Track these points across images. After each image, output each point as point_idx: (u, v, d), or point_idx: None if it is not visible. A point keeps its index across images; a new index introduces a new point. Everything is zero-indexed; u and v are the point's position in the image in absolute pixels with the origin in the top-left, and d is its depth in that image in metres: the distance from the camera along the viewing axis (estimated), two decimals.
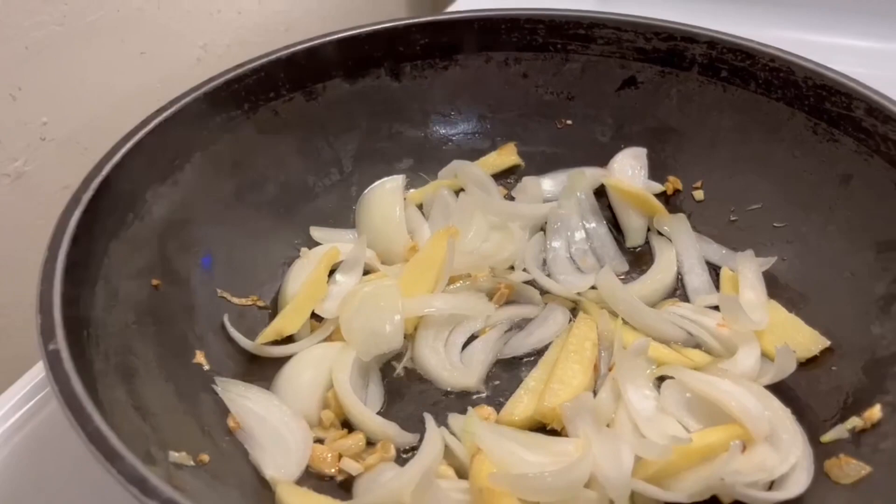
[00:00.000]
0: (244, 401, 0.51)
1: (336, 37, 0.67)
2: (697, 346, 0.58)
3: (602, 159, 0.71)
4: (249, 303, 0.60)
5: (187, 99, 0.60)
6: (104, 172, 0.52)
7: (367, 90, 0.70)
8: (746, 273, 0.60)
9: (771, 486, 0.47)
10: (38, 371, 0.59)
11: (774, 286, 0.60)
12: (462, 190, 0.69)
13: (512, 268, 0.65)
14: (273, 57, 0.65)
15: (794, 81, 0.61)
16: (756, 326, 0.55)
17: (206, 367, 0.54)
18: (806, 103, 0.61)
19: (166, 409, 0.46)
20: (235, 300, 0.59)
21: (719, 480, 0.45)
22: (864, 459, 0.45)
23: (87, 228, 0.48)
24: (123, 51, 0.75)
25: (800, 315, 0.57)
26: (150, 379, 0.48)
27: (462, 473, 0.49)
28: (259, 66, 0.64)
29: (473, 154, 0.73)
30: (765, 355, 0.55)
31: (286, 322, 0.57)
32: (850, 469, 0.45)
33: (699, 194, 0.68)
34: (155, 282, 0.54)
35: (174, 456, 0.43)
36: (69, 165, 0.72)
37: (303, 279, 0.61)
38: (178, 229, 0.58)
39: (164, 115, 0.58)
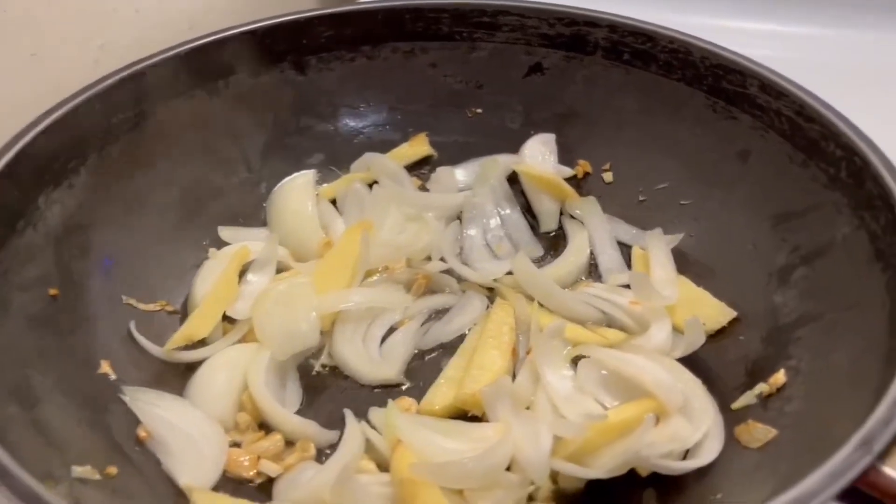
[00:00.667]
0: (154, 409, 0.50)
1: (237, 31, 0.66)
2: (611, 324, 0.59)
3: (513, 146, 0.71)
4: (157, 308, 0.58)
5: (79, 99, 0.57)
6: None
7: (272, 85, 0.68)
8: (656, 251, 0.61)
9: (685, 455, 0.48)
10: None
11: (683, 262, 0.61)
12: (375, 183, 0.68)
13: (429, 258, 0.64)
14: (171, 53, 0.63)
15: (692, 62, 0.63)
16: (666, 302, 0.56)
17: (113, 377, 0.51)
18: (704, 83, 0.63)
19: (68, 424, 0.44)
20: (142, 306, 0.57)
21: (635, 454, 0.45)
22: (771, 423, 0.47)
23: None
24: (12, 53, 0.72)
25: (707, 288, 0.59)
26: (49, 394, 0.45)
27: (384, 467, 0.49)
28: (156, 63, 0.62)
29: (385, 146, 0.72)
30: (676, 329, 0.57)
31: (196, 326, 0.55)
32: (758, 433, 0.46)
33: (608, 176, 0.69)
34: (52, 291, 0.51)
35: (77, 471, 0.41)
36: None
37: (212, 281, 0.59)
38: (77, 235, 0.55)
39: (55, 115, 0.55)
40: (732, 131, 0.61)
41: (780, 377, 0.49)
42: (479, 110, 0.73)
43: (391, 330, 0.60)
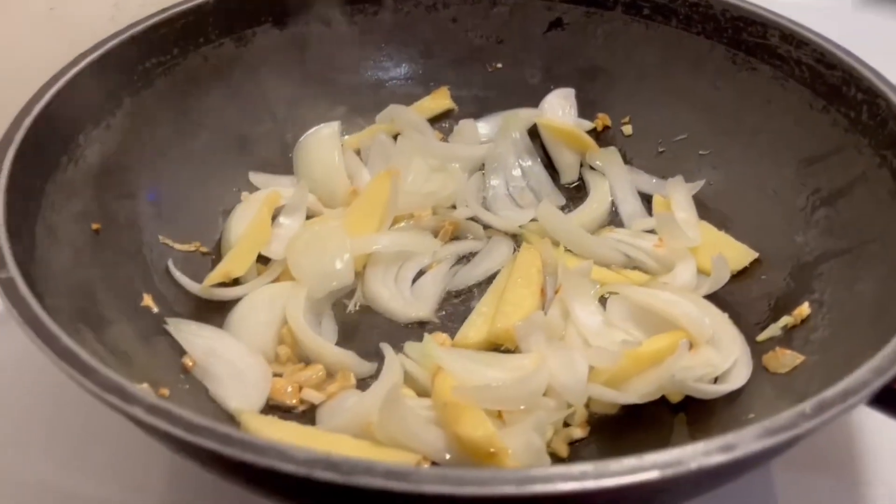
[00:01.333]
0: (198, 339, 0.51)
1: None
2: (636, 268, 0.60)
3: (533, 101, 0.73)
4: (192, 249, 0.59)
5: (114, 41, 0.58)
6: (34, 112, 0.50)
7: (298, 36, 0.69)
8: (677, 196, 0.63)
9: (715, 383, 0.50)
10: None
11: (703, 210, 0.63)
12: (399, 135, 0.69)
13: (454, 207, 0.66)
14: (202, 1, 0.63)
15: (713, 15, 0.64)
16: (691, 242, 0.58)
17: (155, 310, 0.52)
18: (724, 35, 0.64)
19: (120, 345, 0.45)
20: (178, 246, 0.58)
21: (670, 378, 0.47)
22: (796, 351, 0.49)
23: (22, 168, 0.46)
24: (32, 6, 0.72)
25: (728, 233, 0.61)
26: (98, 318, 0.46)
27: (422, 395, 0.50)
28: (187, 10, 0.62)
29: (407, 99, 0.73)
30: (699, 272, 0.58)
31: (233, 264, 0.57)
32: (785, 359, 0.48)
33: (628, 129, 0.70)
34: (95, 226, 0.52)
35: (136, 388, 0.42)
36: None
37: (246, 223, 0.60)
38: (114, 175, 0.56)
39: (92, 56, 0.56)
40: (752, 82, 0.63)
41: (804, 310, 0.51)
42: (500, 65, 0.74)
43: (420, 274, 0.61)
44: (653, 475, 0.29)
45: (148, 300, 0.53)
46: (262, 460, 0.29)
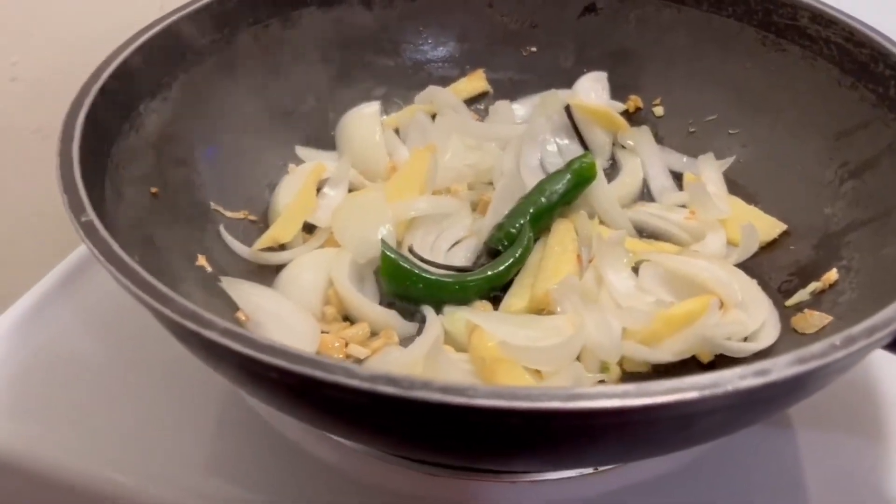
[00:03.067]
0: (251, 296, 0.53)
1: None
2: (667, 241, 0.63)
3: (566, 84, 0.75)
4: (241, 216, 0.62)
5: (171, 19, 0.61)
6: (100, 82, 0.53)
7: (341, 19, 0.72)
8: (708, 172, 0.65)
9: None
10: (18, 309, 0.60)
11: (732, 186, 0.65)
12: (436, 115, 0.72)
13: (490, 183, 0.68)
14: None
15: None
16: (721, 214, 0.60)
17: (209, 270, 0.55)
18: (755, 17, 0.66)
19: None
20: (228, 213, 0.61)
21: (701, 337, 0.49)
22: (825, 313, 0.51)
23: (91, 131, 0.49)
24: None
25: (758, 208, 0.63)
26: (162, 270, 0.49)
27: (461, 352, 0.53)
28: None
29: (444, 81, 0.75)
30: (729, 243, 0.60)
31: (281, 230, 0.59)
32: (813, 320, 0.50)
33: (659, 110, 0.73)
34: (153, 190, 0.55)
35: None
36: (39, 107, 0.72)
37: (292, 193, 0.63)
38: (170, 143, 0.59)
39: (153, 31, 0.59)
40: (781, 62, 0.65)
41: (832, 275, 0.53)
42: (534, 49, 0.76)
43: (456, 245, 0.64)
44: (692, 395, 0.31)
45: (202, 260, 0.55)
46: (330, 376, 0.31)
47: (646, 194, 0.68)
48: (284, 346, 0.32)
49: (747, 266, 0.58)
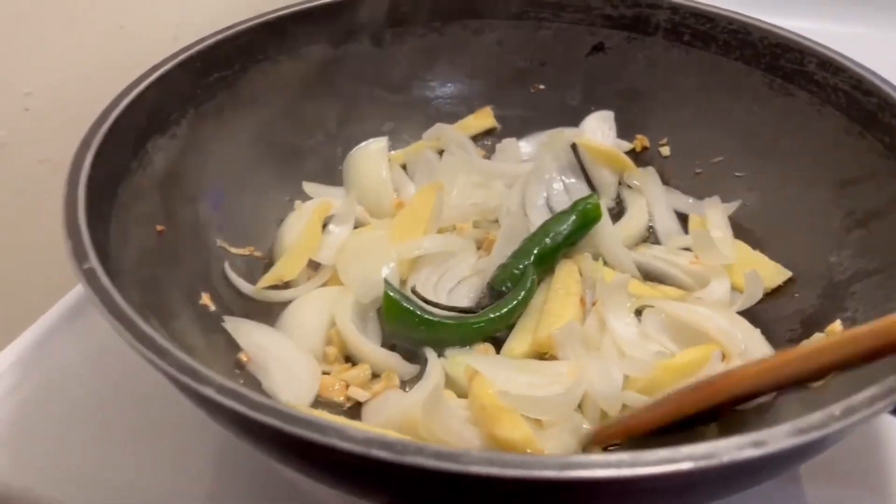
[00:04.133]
0: (252, 337, 0.54)
1: (321, 3, 0.70)
2: (671, 283, 0.62)
3: (573, 122, 0.75)
4: (247, 252, 0.62)
5: (183, 56, 0.61)
6: (110, 120, 0.53)
7: (350, 55, 0.73)
8: (713, 216, 0.65)
9: None
10: (22, 343, 0.60)
11: (738, 230, 0.65)
12: (443, 152, 0.72)
13: (496, 221, 0.68)
14: (263, 19, 0.67)
15: (751, 42, 0.67)
16: (725, 260, 0.60)
17: (213, 309, 0.56)
18: (762, 62, 0.66)
19: (185, 338, 0.48)
20: (233, 249, 0.62)
21: None
22: None
23: (98, 171, 0.50)
24: (102, 25, 0.76)
25: (763, 253, 0.62)
26: (164, 311, 0.49)
27: (462, 397, 0.52)
28: (249, 28, 0.66)
29: (452, 118, 0.76)
30: (733, 289, 0.60)
31: (285, 267, 0.60)
32: None
33: (665, 150, 0.73)
34: (159, 228, 0.56)
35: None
36: (49, 138, 0.73)
37: (298, 230, 0.63)
38: (177, 181, 0.59)
39: (162, 70, 0.59)
40: (789, 107, 0.65)
41: (836, 326, 0.52)
42: (542, 86, 0.77)
43: (459, 284, 0.64)
44: (686, 466, 0.31)
45: (206, 299, 0.56)
46: (324, 438, 0.31)
47: (651, 235, 0.68)
48: (278, 405, 0.32)
49: (751, 313, 0.58)
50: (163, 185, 0.58)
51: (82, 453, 0.53)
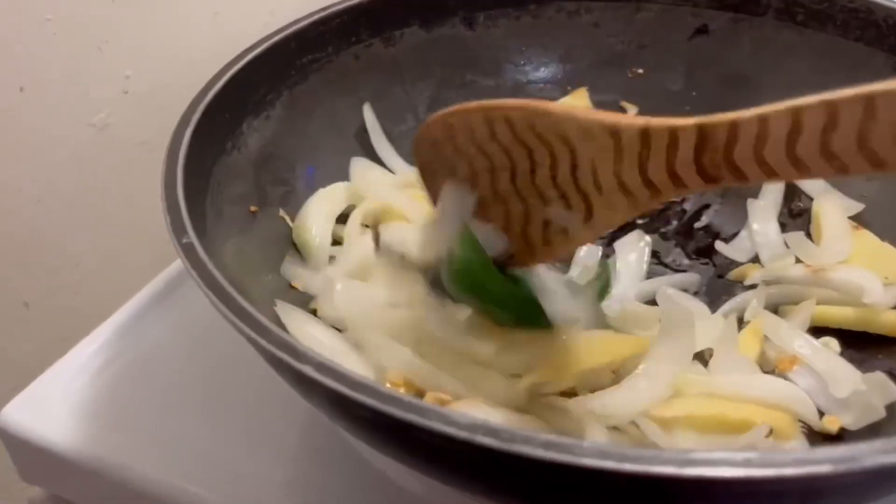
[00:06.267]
0: (306, 329, 0.51)
1: None
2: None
3: (673, 108, 0.71)
4: None
5: (277, 37, 0.61)
6: (207, 98, 0.53)
7: (442, 39, 0.71)
8: (829, 212, 0.60)
9: None
10: (118, 319, 0.62)
11: (858, 222, 0.61)
12: None
13: None
14: (355, 2, 0.66)
15: (874, 21, 0.62)
16: (836, 257, 0.55)
17: (301, 291, 0.55)
18: (885, 42, 0.62)
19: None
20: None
21: None
22: None
23: (196, 148, 0.50)
24: (199, 10, 0.77)
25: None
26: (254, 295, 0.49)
27: None
28: (342, 11, 0.66)
29: None
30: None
31: None
32: None
33: None
34: (253, 208, 0.56)
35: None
36: (147, 121, 0.75)
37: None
38: (270, 162, 0.59)
39: (256, 51, 0.59)
40: None
41: None
42: (640, 70, 0.73)
43: None
44: (824, 469, 0.28)
45: (297, 283, 0.55)
46: (425, 421, 0.30)
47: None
48: (379, 386, 0.31)
49: None
50: (256, 165, 0.58)
51: (168, 430, 0.54)
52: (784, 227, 0.63)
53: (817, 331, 0.53)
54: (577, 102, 0.73)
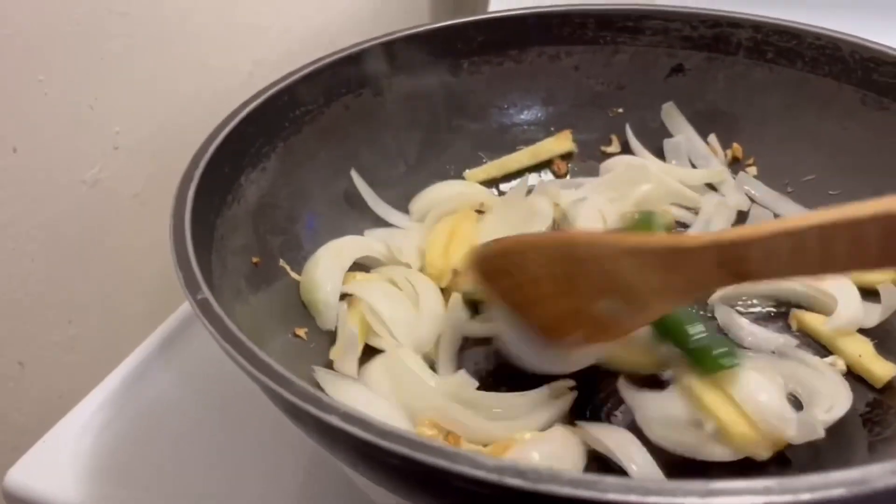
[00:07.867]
0: (347, 394, 0.51)
1: (400, 35, 0.71)
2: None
3: (651, 144, 0.74)
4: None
5: (270, 92, 0.63)
6: (209, 153, 0.54)
7: (429, 86, 0.73)
8: None
9: None
10: (120, 374, 0.62)
11: None
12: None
13: None
14: (345, 54, 0.68)
15: (841, 57, 0.65)
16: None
17: (307, 340, 0.56)
18: (853, 76, 0.65)
19: None
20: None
21: None
22: None
23: (199, 202, 0.51)
24: (185, 63, 0.79)
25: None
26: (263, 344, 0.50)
27: None
28: (333, 63, 0.67)
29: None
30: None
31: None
32: None
33: (752, 170, 0.71)
34: (255, 259, 0.56)
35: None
36: (138, 174, 0.75)
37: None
38: (268, 212, 0.60)
39: (253, 105, 0.60)
40: (883, 121, 0.63)
41: None
42: (620, 110, 0.76)
43: None
44: (838, 492, 0.29)
45: (300, 332, 0.56)
46: (455, 466, 0.31)
47: None
48: (407, 432, 0.32)
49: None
50: (255, 216, 0.59)
51: (176, 482, 0.53)
52: None
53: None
54: (562, 144, 0.76)
